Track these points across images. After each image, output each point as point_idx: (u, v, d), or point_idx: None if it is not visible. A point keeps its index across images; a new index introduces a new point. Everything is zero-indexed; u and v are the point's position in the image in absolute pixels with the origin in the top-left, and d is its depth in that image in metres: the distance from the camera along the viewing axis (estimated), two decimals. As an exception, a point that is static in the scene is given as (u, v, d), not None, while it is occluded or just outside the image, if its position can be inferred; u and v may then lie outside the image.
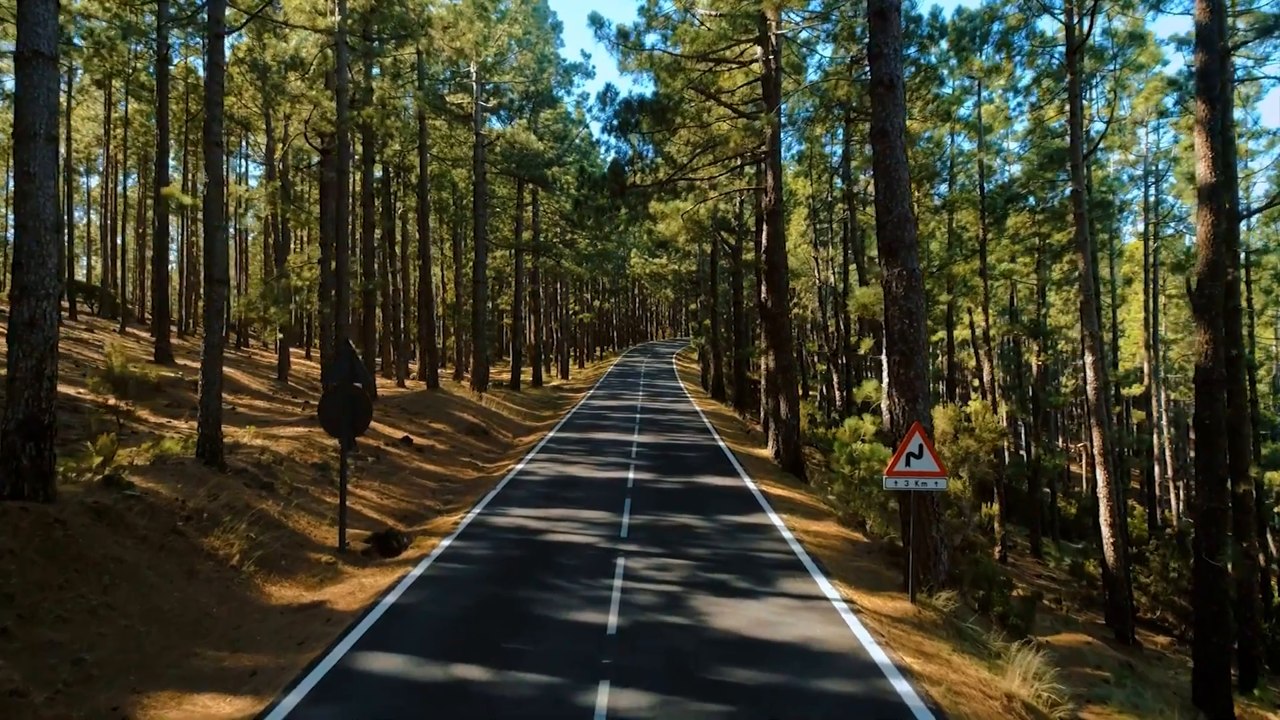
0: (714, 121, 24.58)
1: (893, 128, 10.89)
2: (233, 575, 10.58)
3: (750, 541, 12.76)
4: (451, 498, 17.10)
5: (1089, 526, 40.49)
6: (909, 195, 10.95)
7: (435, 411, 26.30)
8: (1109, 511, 17.21)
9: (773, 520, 14.27)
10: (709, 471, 19.28)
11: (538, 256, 41.87)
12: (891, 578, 11.80)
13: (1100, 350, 17.65)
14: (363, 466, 17.69)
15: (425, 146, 29.88)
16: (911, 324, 10.78)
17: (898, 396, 10.88)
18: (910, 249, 10.86)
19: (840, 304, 33.61)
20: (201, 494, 11.94)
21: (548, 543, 12.49)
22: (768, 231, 21.43)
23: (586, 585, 10.35)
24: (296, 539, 12.34)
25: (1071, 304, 42.12)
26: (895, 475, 10.19)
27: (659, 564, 11.37)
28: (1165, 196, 32.97)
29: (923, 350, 10.86)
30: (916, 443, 10.16)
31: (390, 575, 11.07)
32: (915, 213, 11.21)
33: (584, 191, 24.63)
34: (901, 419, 10.85)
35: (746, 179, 31.05)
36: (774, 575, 10.93)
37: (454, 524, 13.79)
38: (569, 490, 16.66)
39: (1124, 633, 17.14)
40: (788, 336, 21.29)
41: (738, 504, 15.66)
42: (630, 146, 25.32)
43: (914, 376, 10.77)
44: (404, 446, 21.03)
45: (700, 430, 27.83)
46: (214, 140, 14.24)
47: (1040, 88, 22.70)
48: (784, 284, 21.14)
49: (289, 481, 14.78)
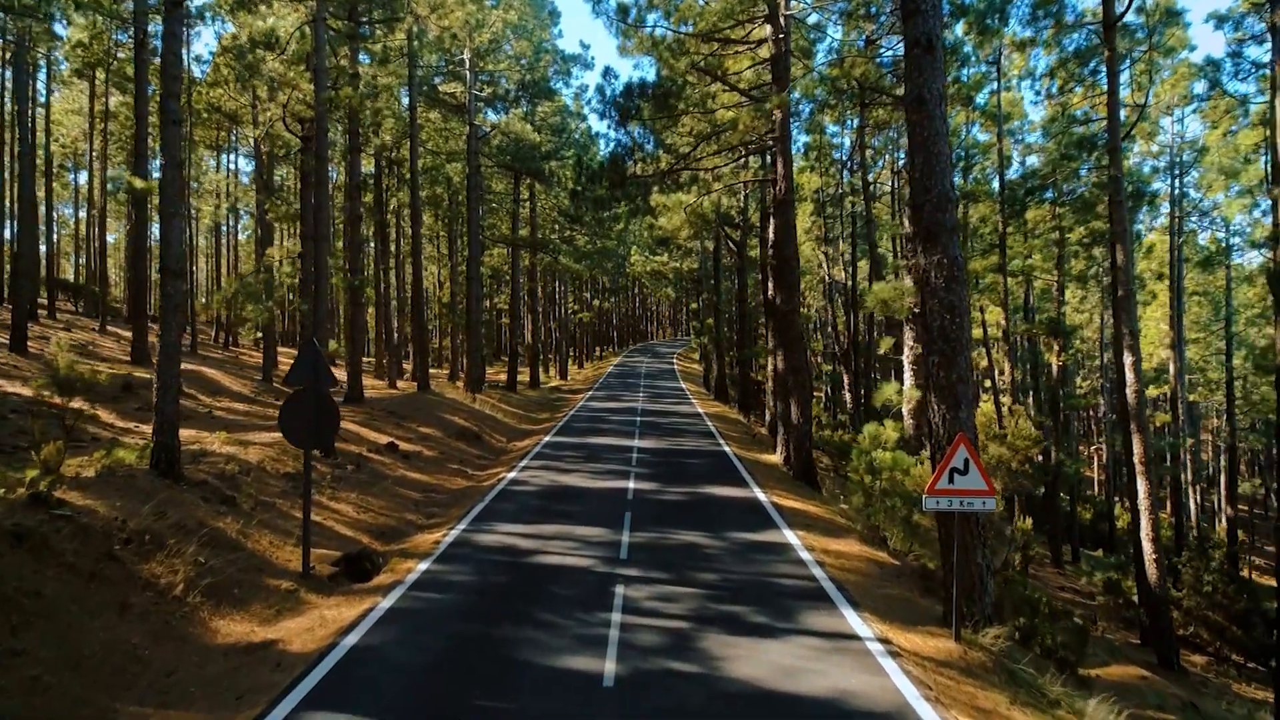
0: (719, 109, 23.21)
1: (931, 94, 9.52)
2: (174, 608, 9.21)
3: (765, 564, 11.38)
4: (436, 510, 15.73)
5: (1104, 533, 39.10)
6: (950, 171, 9.57)
7: (424, 415, 24.93)
8: (1150, 525, 15.82)
9: (788, 537, 12.90)
10: (715, 480, 17.91)
11: (535, 253, 40.50)
12: (927, 608, 10.43)
13: (1138, 350, 16.27)
14: (341, 476, 16.32)
15: (416, 136, 28.49)
16: (954, 320, 9.41)
17: (937, 403, 9.50)
18: (952, 233, 9.49)
19: (850, 302, 32.23)
20: (147, 512, 10.57)
21: (538, 566, 11.12)
22: (777, 223, 20.06)
23: (580, 620, 8.99)
24: (255, 562, 10.96)
25: (1089, 301, 40.74)
26: (937, 494, 8.82)
27: (663, 593, 10.00)
28: (1189, 189, 31.59)
29: (966, 350, 9.49)
30: (962, 457, 8.80)
31: (356, 607, 9.70)
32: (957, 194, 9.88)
33: (582, 183, 23.25)
34: (942, 428, 9.47)
35: (752, 171, 29.67)
36: (795, 607, 9.56)
37: (435, 543, 12.43)
38: (564, 503, 15.29)
39: (1167, 657, 15.76)
40: (799, 335, 19.92)
41: (748, 518, 14.29)
42: (630, 137, 23.92)
43: (956, 380, 9.40)
44: (388, 453, 19.66)
45: (704, 434, 26.46)
46: (172, 118, 12.86)
47: (1065, 72, 21.30)
48: (795, 279, 19.77)
49: (254, 494, 13.42)
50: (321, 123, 17.61)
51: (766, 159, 32.67)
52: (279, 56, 19.69)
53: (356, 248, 24.85)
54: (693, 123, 24.19)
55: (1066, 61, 20.47)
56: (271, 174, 28.44)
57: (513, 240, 38.87)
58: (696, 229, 27.50)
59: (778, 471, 20.77)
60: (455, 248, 47.43)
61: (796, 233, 20.58)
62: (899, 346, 17.37)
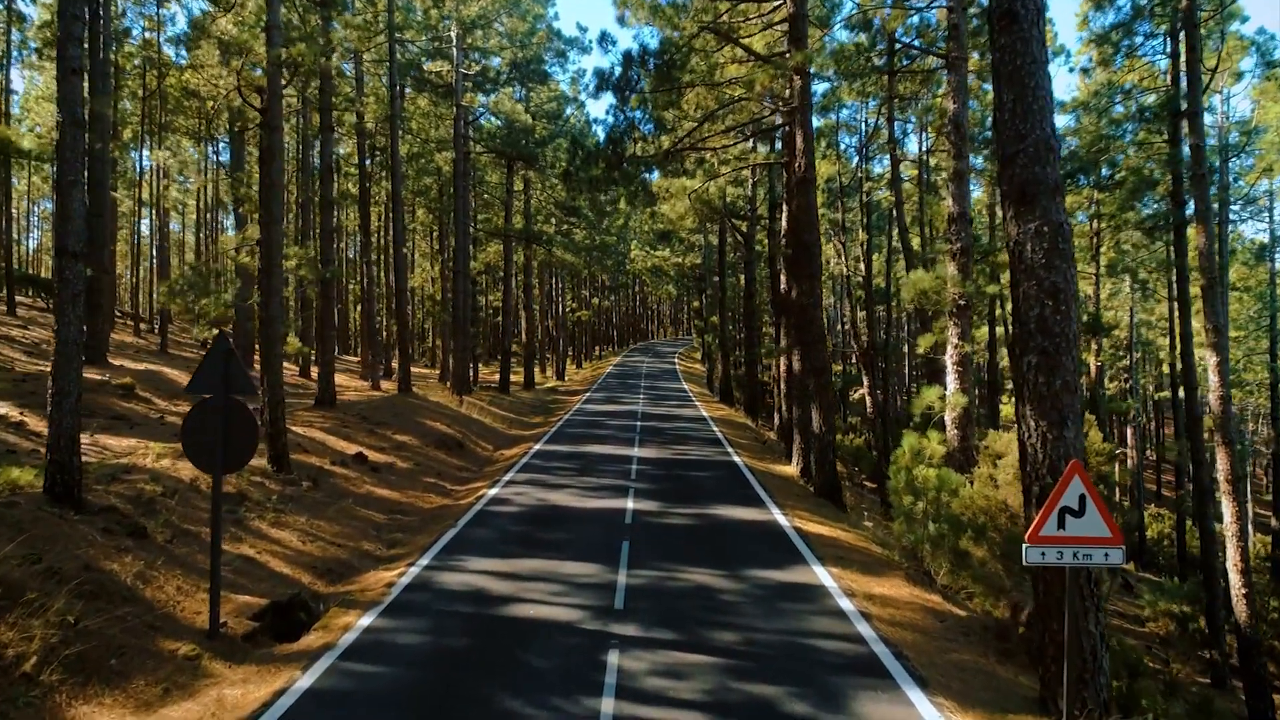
0: (726, 82, 20.90)
1: (1025, 9, 7.19)
2: (17, 691, 6.89)
3: (798, 617, 9.06)
4: (400, 537, 13.40)
5: (1134, 545, 36.75)
6: (1051, 111, 7.24)
7: (402, 420, 22.60)
8: (1239, 554, 13.49)
9: (821, 577, 10.57)
10: (727, 498, 15.59)
11: (528, 245, 38.15)
12: (1011, 682, 8.10)
13: (1225, 349, 13.93)
14: (292, 495, 13.98)
15: (398, 114, 26.16)
16: (1057, 308, 7.09)
17: (1034, 418, 7.18)
18: (1055, 193, 7.17)
19: (867, 297, 29.90)
20: (10, 551, 8.26)
21: (510, 621, 8.79)
22: (796, 205, 17.72)
23: (559, 711, 6.67)
24: (151, 618, 8.63)
25: (1117, 297, 38.37)
26: (1042, 543, 6.50)
27: (670, 663, 7.68)
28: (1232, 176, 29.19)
29: (1074, 347, 7.17)
30: (1076, 492, 6.47)
31: (269, 684, 7.39)
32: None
33: (576, 164, 20.92)
34: (1041, 452, 7.15)
35: (762, 155, 27.37)
36: (845, 687, 7.24)
37: (388, 585, 10.10)
38: (550, 529, 12.97)
39: (1261, 709, 13.40)
40: (821, 333, 17.60)
41: (770, 549, 11.97)
42: (628, 114, 21.48)
43: (1062, 388, 7.08)
44: (355, 465, 17.35)
45: (710, 441, 24.14)
46: (71, 66, 10.54)
47: (1118, 35, 18.96)
48: (816, 268, 17.43)
49: (176, 522, 11.09)
50: (274, 85, 15.30)
51: (777, 145, 30.41)
52: (234, 19, 17.40)
53: (328, 236, 22.54)
54: (698, 99, 21.89)
55: (1127, 22, 18.14)
56: (242, 156, 26.07)
57: (505, 232, 36.54)
58: (702, 216, 25.22)
59: (795, 486, 18.45)
60: (446, 243, 45.14)
61: (818, 216, 18.26)
62: (939, 346, 15.03)
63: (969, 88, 16.25)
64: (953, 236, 14.16)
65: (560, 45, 36.80)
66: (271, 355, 15.54)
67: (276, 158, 15.54)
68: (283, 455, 15.06)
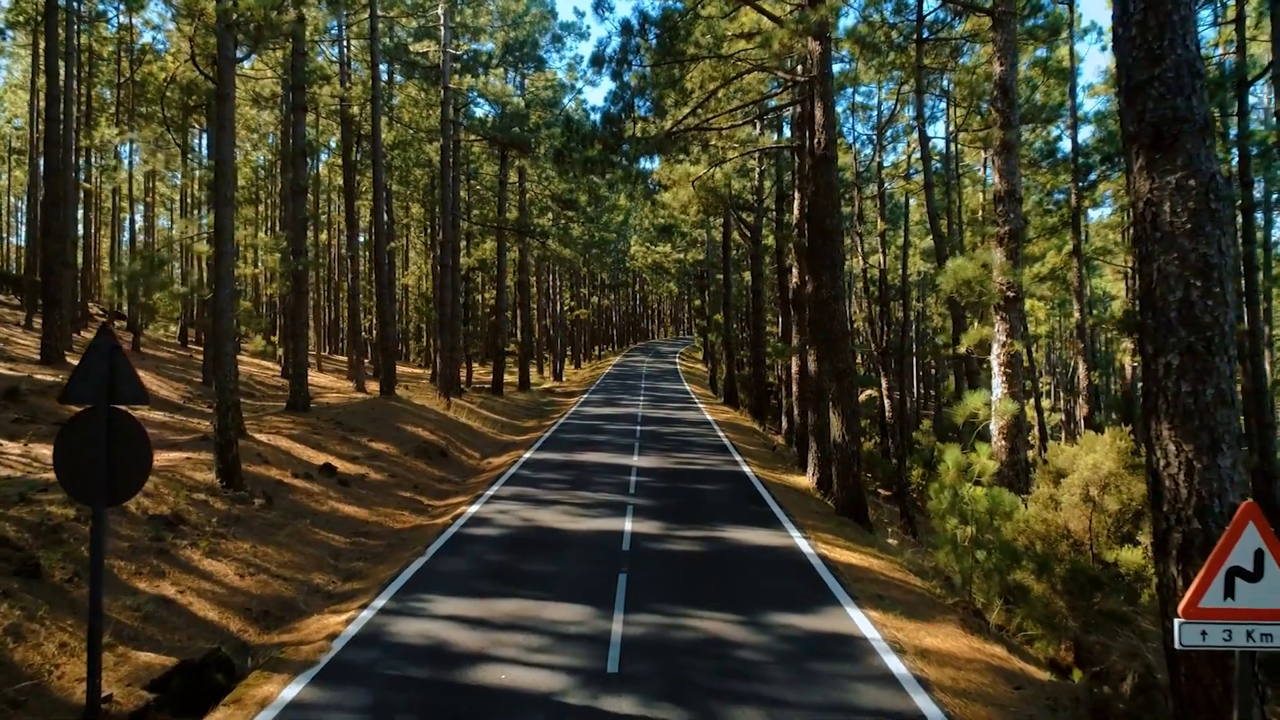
0: (736, 54, 19.05)
1: (1162, -114, 5.31)
2: None
3: (835, 685, 7.18)
4: (360, 567, 11.53)
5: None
6: (1195, 25, 5.36)
7: (381, 426, 20.73)
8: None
9: (860, 625, 8.69)
10: (738, 517, 13.72)
11: (523, 238, 36.29)
12: (1126, 782, 6.23)
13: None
14: (237, 517, 12.09)
15: (379, 94, 24.29)
16: (1209, 289, 5.22)
17: (1173, 440, 5.31)
18: (1201, 135, 5.30)
19: (882, 293, 28.02)
20: None
21: (475, 692, 6.92)
22: (814, 187, 15.84)
23: None
24: (12, 691, 6.75)
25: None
26: (1206, 617, 4.63)
27: (679, 763, 5.81)
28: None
29: (1231, 345, 5.28)
30: (1251, 547, 4.61)
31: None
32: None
33: (571, 144, 19.05)
34: (1185, 486, 5.28)
35: (771, 140, 25.53)
36: (916, 804, 5.36)
37: (330, 636, 8.23)
38: (534, 558, 11.10)
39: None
40: (844, 330, 15.73)
41: (793, 585, 10.10)
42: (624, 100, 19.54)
43: (1215, 400, 5.20)
44: (321, 478, 15.48)
45: (716, 448, 22.27)
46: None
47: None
48: (839, 257, 15.56)
49: (84, 555, 9.21)
50: (225, 48, 13.44)
51: (785, 131, 28.58)
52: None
53: (300, 224, 20.67)
54: (702, 75, 20.03)
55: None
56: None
57: (498, 224, 34.67)
58: (706, 206, 23.34)
59: (813, 501, 16.58)
60: (437, 239, 43.29)
61: (839, 199, 16.38)
62: (984, 345, 13.17)
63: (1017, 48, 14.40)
64: (1000, 217, 12.30)
65: (556, 29, 34.98)
66: (221, 352, 13.70)
67: (227, 130, 13.68)
68: (233, 468, 13.19)
